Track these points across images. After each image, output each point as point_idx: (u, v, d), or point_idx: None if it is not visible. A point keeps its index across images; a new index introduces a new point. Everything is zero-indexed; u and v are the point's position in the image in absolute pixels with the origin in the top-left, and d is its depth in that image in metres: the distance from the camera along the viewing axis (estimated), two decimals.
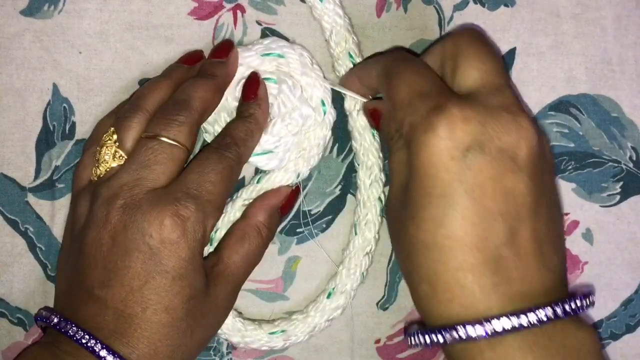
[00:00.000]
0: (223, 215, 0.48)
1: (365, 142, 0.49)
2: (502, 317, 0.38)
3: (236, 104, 0.47)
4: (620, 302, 0.51)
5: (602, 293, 0.51)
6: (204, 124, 0.48)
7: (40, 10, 0.49)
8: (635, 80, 0.51)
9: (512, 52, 0.51)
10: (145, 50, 0.49)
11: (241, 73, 0.48)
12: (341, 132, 0.50)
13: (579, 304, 0.39)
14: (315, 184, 0.50)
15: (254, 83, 0.47)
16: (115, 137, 0.44)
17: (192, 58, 0.48)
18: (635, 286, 0.51)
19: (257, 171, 0.49)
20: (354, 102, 0.49)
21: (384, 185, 0.49)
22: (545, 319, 0.38)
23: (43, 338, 0.44)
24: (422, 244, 0.39)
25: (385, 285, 0.50)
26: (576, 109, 0.51)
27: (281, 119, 0.47)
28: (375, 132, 0.49)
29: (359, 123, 0.49)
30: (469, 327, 0.38)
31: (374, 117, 0.46)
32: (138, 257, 0.41)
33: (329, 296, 0.49)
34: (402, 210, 0.41)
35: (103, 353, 0.40)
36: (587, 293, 0.40)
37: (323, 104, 0.48)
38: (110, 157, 0.44)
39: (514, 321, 0.38)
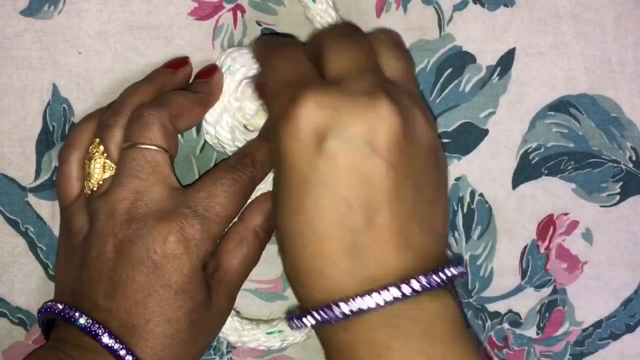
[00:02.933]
0: None
1: None
2: (349, 300, 0.38)
3: (238, 104, 0.47)
4: (620, 302, 0.51)
5: (602, 293, 0.51)
6: (205, 125, 0.48)
7: (40, 11, 0.49)
8: (635, 80, 0.51)
9: (512, 52, 0.51)
10: (145, 51, 0.49)
11: (242, 74, 0.48)
12: None
13: (426, 281, 0.39)
14: None
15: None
16: (101, 147, 0.44)
17: (176, 63, 0.49)
18: (635, 286, 0.51)
19: None
20: None
21: None
22: (391, 298, 0.38)
23: (46, 343, 0.44)
24: (286, 231, 0.41)
25: None
26: (576, 109, 0.51)
27: None
28: None
29: None
30: (321, 311, 0.39)
31: (261, 92, 0.47)
32: (142, 271, 0.41)
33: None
34: (275, 203, 0.43)
35: (114, 345, 0.40)
36: (457, 264, 0.40)
37: None
38: (100, 169, 0.44)
39: (360, 303, 0.38)
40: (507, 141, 0.51)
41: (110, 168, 0.44)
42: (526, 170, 0.51)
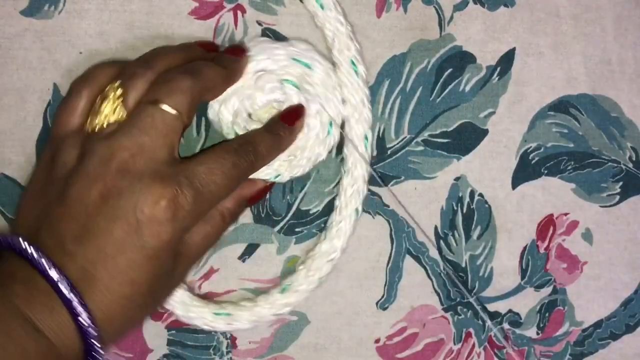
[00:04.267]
0: None
1: (356, 152, 0.49)
2: None
3: (250, 92, 0.48)
4: (620, 302, 0.51)
5: (602, 293, 0.51)
6: (220, 123, 0.48)
7: (41, 11, 0.49)
8: (635, 80, 0.51)
9: (512, 52, 0.51)
10: (146, 50, 0.49)
11: (263, 65, 0.48)
12: (341, 134, 0.50)
13: None
14: (313, 184, 0.50)
15: (297, 113, 0.48)
16: (120, 92, 0.44)
17: (208, 45, 0.49)
18: (635, 286, 0.51)
19: None
20: (352, 111, 0.49)
21: (364, 199, 0.49)
22: None
23: None
24: None
25: (385, 285, 0.50)
26: (576, 109, 0.51)
27: None
28: (367, 143, 0.49)
29: (354, 131, 0.49)
30: None
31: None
32: (122, 226, 0.41)
33: (282, 291, 0.49)
34: None
35: (53, 274, 0.40)
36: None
37: (330, 124, 0.48)
38: (111, 112, 0.44)
39: None
40: (507, 141, 0.51)
41: (121, 114, 0.44)
42: (526, 170, 0.51)
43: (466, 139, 0.51)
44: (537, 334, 0.51)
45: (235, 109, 0.48)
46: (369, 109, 0.49)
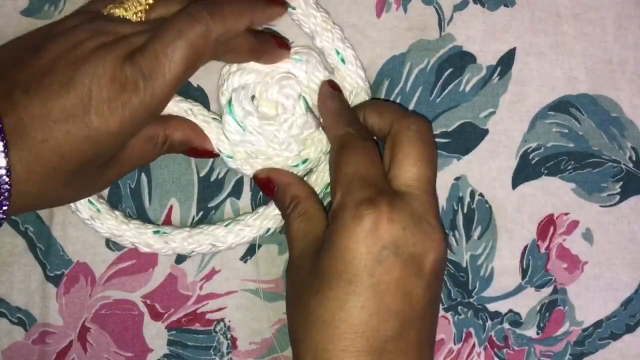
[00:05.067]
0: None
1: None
2: None
3: (269, 81, 0.47)
4: (620, 302, 0.51)
5: (602, 293, 0.51)
6: (222, 83, 0.48)
7: (41, 11, 0.49)
8: (635, 80, 0.51)
9: (512, 52, 0.51)
10: None
11: (296, 72, 0.48)
12: None
13: None
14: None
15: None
16: (148, 1, 0.44)
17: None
18: (635, 286, 0.51)
19: None
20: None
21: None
22: None
23: None
24: (320, 319, 0.42)
25: None
26: (576, 109, 0.51)
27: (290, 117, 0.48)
28: None
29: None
30: None
31: (268, 187, 0.48)
32: (76, 94, 0.40)
33: (227, 225, 0.49)
34: (306, 279, 0.43)
35: None
36: None
37: None
38: (133, 10, 0.44)
39: None
40: (507, 141, 0.51)
41: (140, 18, 0.43)
42: (526, 170, 0.51)
43: (466, 139, 0.51)
44: (538, 333, 0.51)
45: (246, 83, 0.48)
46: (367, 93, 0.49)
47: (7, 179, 0.39)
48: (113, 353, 0.50)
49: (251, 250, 0.50)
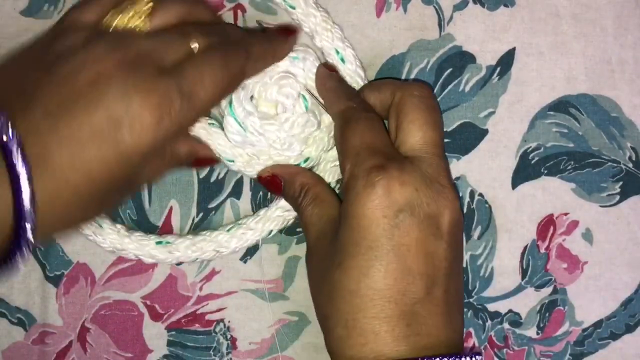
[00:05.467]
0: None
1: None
2: None
3: (268, 81, 0.47)
4: (620, 302, 0.51)
5: (602, 293, 0.51)
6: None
7: (40, 11, 0.49)
8: (635, 80, 0.51)
9: (512, 52, 0.51)
10: None
11: (294, 71, 0.48)
12: None
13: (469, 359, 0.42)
14: None
15: (292, 29, 0.48)
16: (149, 6, 0.43)
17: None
18: (635, 286, 0.51)
19: None
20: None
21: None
22: None
23: None
24: (346, 290, 0.42)
25: None
26: (576, 109, 0.51)
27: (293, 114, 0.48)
28: None
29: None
30: None
31: (274, 184, 0.48)
32: (104, 113, 0.38)
33: (228, 230, 0.49)
34: (326, 258, 0.43)
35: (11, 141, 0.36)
36: (477, 352, 0.43)
37: None
38: (133, 19, 0.42)
39: None
40: (507, 141, 0.51)
41: (143, 24, 0.42)
42: (526, 170, 0.51)
43: (466, 139, 0.51)
44: (537, 333, 0.51)
45: (245, 83, 0.47)
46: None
47: (30, 207, 0.37)
48: (113, 353, 0.50)
49: (251, 251, 0.50)
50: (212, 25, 0.45)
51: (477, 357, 0.42)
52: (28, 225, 0.37)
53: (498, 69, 0.51)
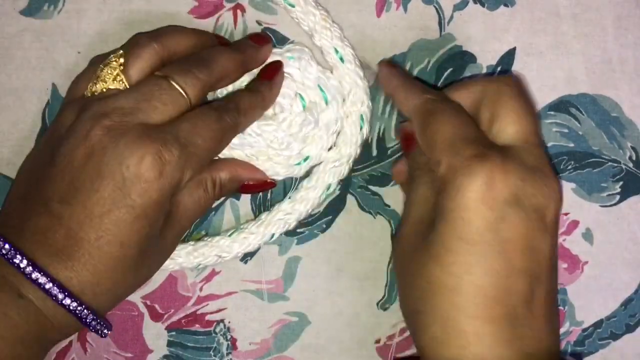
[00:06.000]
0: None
1: (348, 132, 0.49)
2: None
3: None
4: (620, 302, 0.51)
5: (602, 293, 0.51)
6: (215, 92, 0.48)
7: (40, 11, 0.49)
8: (635, 80, 0.51)
9: (512, 52, 0.51)
10: None
11: (289, 70, 0.48)
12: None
13: None
14: None
15: (275, 68, 0.48)
16: (122, 60, 0.44)
17: (221, 38, 0.49)
18: (635, 286, 0.51)
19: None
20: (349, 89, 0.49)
21: (340, 179, 0.49)
22: None
23: None
24: (445, 287, 0.39)
25: (386, 286, 0.50)
26: (576, 109, 0.51)
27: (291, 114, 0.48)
28: (363, 122, 0.49)
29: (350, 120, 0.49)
30: None
31: (409, 142, 0.46)
32: (109, 183, 0.40)
33: (230, 235, 0.49)
34: (421, 247, 0.41)
35: (27, 268, 0.39)
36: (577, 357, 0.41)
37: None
38: (111, 79, 0.43)
39: None
40: None
41: (120, 81, 0.43)
42: None
43: None
44: None
45: (241, 85, 0.48)
46: (365, 94, 0.49)
47: (82, 308, 0.41)
48: (113, 353, 0.50)
49: (251, 251, 0.50)
50: (190, 56, 0.45)
51: None
52: (88, 316, 0.41)
53: (498, 68, 0.51)
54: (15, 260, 0.39)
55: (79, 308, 0.40)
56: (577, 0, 0.51)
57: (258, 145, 0.47)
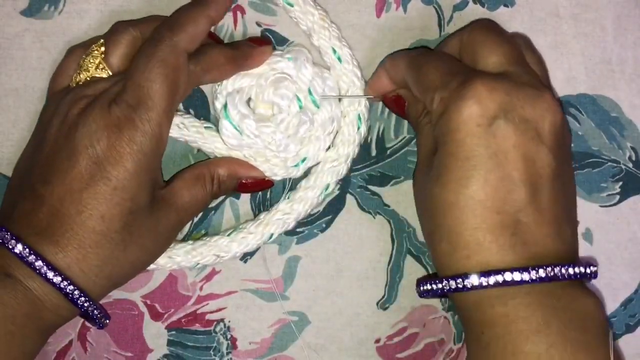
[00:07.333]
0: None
1: (346, 131, 0.49)
2: (514, 270, 0.40)
3: (263, 83, 0.48)
4: (620, 302, 0.51)
5: (602, 293, 0.51)
6: (216, 87, 0.48)
7: (41, 11, 0.49)
8: (635, 80, 0.51)
9: None
10: None
11: (288, 71, 0.48)
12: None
13: (584, 270, 0.41)
14: None
15: (266, 42, 0.49)
16: (102, 49, 0.45)
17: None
18: (635, 286, 0.51)
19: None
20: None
21: (339, 178, 0.49)
22: (552, 275, 0.40)
23: None
24: (446, 203, 0.41)
25: (386, 285, 0.50)
26: (576, 109, 0.51)
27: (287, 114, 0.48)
28: (361, 123, 0.49)
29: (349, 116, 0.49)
30: (482, 277, 0.40)
31: (398, 104, 0.48)
32: (84, 158, 0.41)
33: (229, 234, 0.49)
34: (427, 175, 0.43)
35: (17, 248, 0.41)
36: (591, 264, 0.42)
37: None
38: (94, 67, 0.45)
39: (524, 275, 0.40)
40: None
41: (103, 69, 0.45)
42: None
43: None
44: None
45: (241, 87, 0.48)
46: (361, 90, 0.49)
47: (67, 283, 0.41)
48: (113, 353, 0.50)
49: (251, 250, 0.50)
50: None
51: (591, 267, 0.41)
52: (74, 292, 0.42)
53: None
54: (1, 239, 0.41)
55: (63, 282, 0.41)
56: (577, 1, 0.51)
57: (256, 147, 0.48)
